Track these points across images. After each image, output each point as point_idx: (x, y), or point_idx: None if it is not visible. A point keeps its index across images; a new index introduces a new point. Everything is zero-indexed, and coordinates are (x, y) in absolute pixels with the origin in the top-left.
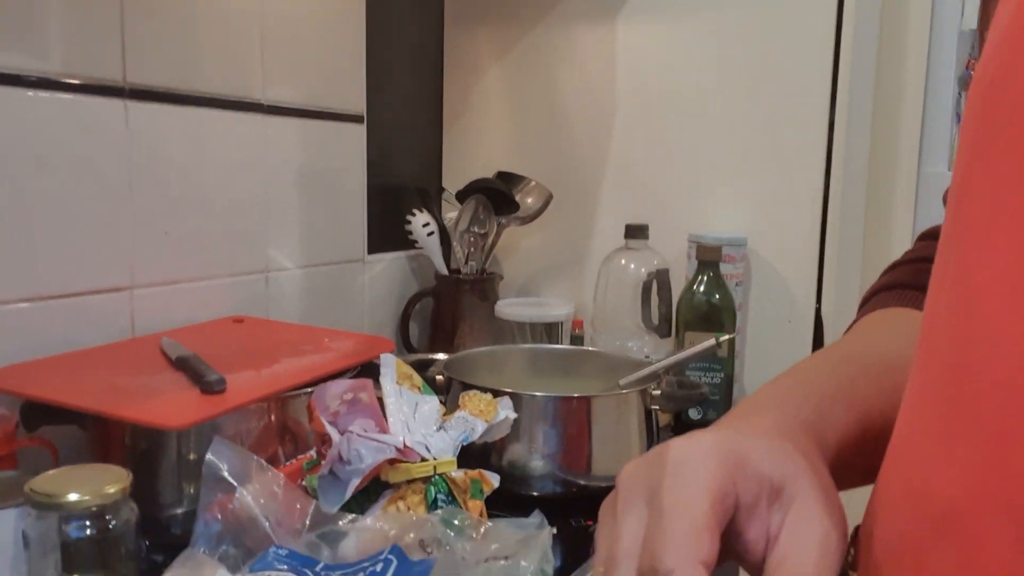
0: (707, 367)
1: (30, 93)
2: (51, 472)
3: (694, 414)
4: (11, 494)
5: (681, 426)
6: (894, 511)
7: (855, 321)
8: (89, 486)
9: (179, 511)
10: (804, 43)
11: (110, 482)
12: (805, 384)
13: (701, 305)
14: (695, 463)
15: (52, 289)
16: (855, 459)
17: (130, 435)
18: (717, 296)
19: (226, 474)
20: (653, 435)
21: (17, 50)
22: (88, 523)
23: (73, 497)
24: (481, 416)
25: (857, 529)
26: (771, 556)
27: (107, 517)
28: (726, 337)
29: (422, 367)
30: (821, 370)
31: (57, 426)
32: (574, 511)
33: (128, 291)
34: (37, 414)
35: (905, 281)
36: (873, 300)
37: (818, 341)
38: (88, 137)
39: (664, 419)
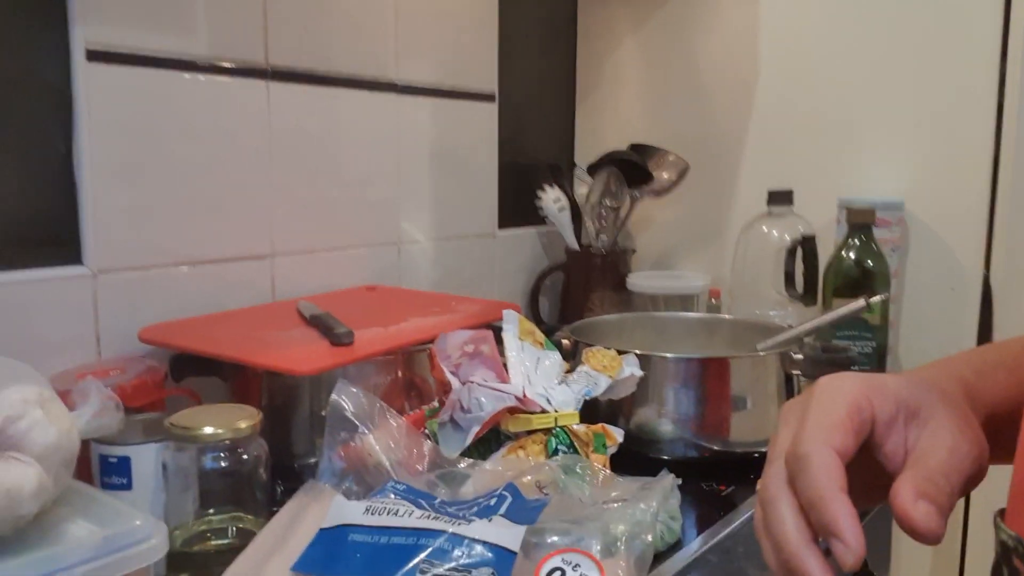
0: (857, 335)
1: (186, 76)
2: (189, 409)
3: None
4: (156, 431)
5: None
6: None
7: None
8: (223, 421)
9: (311, 460)
10: None
11: (242, 418)
12: (969, 353)
13: (851, 271)
14: (837, 384)
15: (205, 254)
16: (1011, 425)
17: (266, 387)
18: (869, 262)
19: (349, 414)
20: None
21: (174, 35)
22: (222, 455)
23: (208, 430)
24: (605, 371)
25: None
26: (908, 460)
27: (239, 451)
28: (877, 297)
29: (548, 334)
30: (987, 346)
31: (201, 377)
32: (707, 477)
33: (269, 259)
34: (184, 365)
35: None
36: None
37: (986, 310)
38: (233, 115)
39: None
